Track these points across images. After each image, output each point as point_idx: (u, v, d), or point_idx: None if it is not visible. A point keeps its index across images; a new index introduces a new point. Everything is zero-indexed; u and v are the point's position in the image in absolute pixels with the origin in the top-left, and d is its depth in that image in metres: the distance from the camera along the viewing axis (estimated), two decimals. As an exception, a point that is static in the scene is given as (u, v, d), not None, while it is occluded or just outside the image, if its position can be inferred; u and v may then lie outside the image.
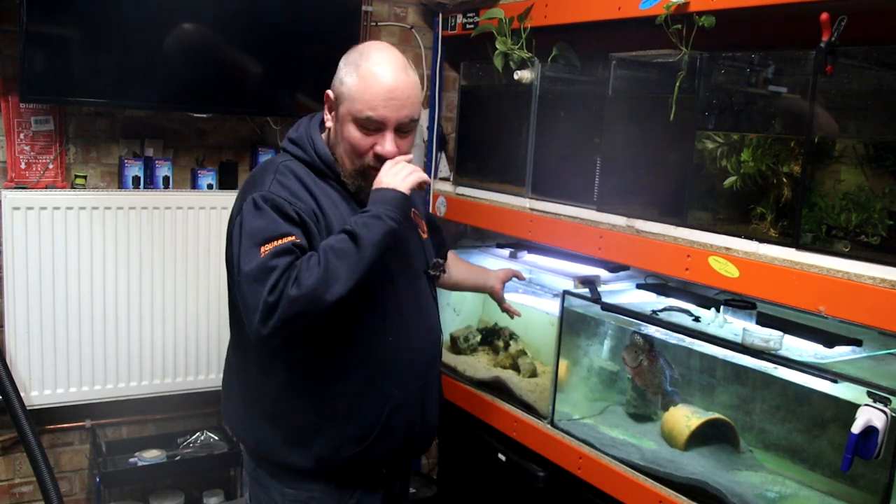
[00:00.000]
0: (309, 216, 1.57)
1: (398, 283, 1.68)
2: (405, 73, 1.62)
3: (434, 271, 1.80)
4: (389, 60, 1.62)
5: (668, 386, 2.17)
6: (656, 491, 1.95)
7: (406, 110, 1.61)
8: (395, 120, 1.60)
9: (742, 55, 1.90)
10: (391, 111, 1.59)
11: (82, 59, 2.37)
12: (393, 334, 1.66)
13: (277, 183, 1.59)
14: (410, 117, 1.62)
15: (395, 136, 1.61)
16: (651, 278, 2.33)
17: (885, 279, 1.52)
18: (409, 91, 1.61)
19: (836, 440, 1.84)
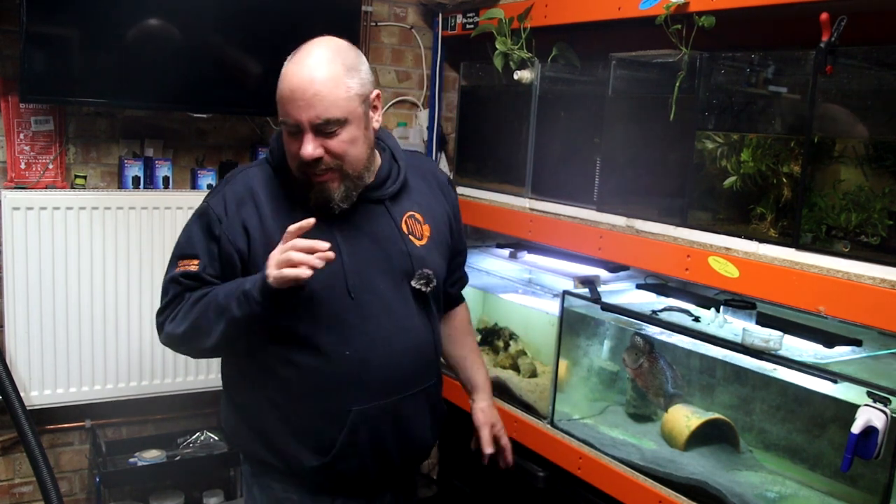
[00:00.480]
0: (235, 236, 1.55)
1: (364, 296, 1.57)
2: (316, 70, 1.46)
3: (418, 284, 1.64)
4: (305, 57, 1.48)
5: (670, 387, 2.16)
6: (656, 491, 1.95)
7: (314, 110, 1.45)
8: (305, 121, 1.46)
9: (742, 55, 1.90)
10: (299, 112, 1.46)
11: (82, 59, 2.37)
12: (352, 349, 1.57)
13: (223, 195, 1.60)
14: (321, 117, 1.45)
15: (320, 138, 1.47)
16: (651, 278, 2.33)
17: (885, 279, 1.52)
18: (318, 88, 1.44)
19: (836, 440, 1.84)
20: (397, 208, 1.65)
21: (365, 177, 1.57)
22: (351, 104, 1.48)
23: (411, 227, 1.66)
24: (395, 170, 1.67)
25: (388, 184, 1.64)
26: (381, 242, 1.61)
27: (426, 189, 1.74)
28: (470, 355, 1.93)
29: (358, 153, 1.52)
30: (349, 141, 1.50)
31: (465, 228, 2.95)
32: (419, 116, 3.12)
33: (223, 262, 1.57)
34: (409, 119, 3.12)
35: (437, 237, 1.71)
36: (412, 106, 3.14)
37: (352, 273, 1.57)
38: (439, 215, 1.74)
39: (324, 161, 1.49)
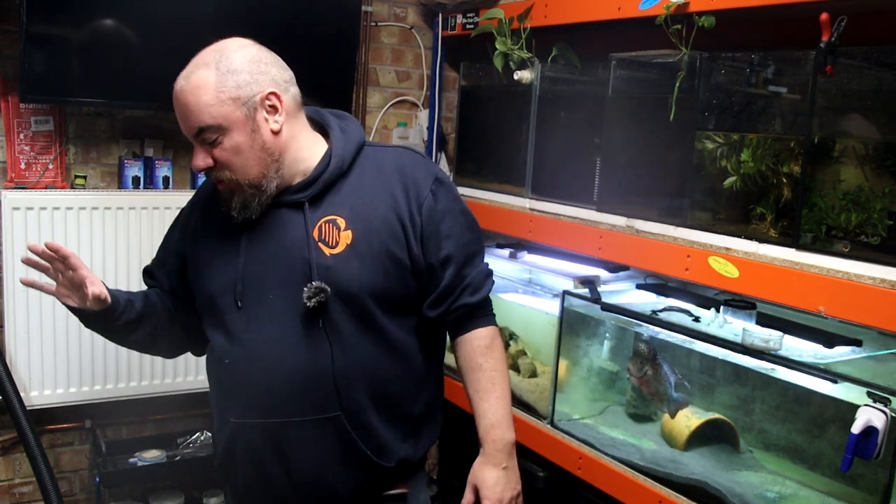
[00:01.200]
0: (184, 236, 1.64)
1: (253, 306, 1.50)
2: (188, 78, 1.42)
3: (305, 297, 1.44)
4: (187, 67, 1.45)
5: (674, 393, 2.14)
6: (656, 491, 1.95)
7: (188, 121, 1.42)
8: (187, 132, 1.44)
9: (742, 55, 1.90)
10: (181, 124, 1.45)
11: (82, 59, 2.37)
12: (231, 358, 1.51)
13: (194, 196, 1.69)
14: (195, 126, 1.41)
15: (205, 147, 1.43)
16: (651, 278, 2.33)
17: (885, 279, 1.52)
18: (188, 98, 1.40)
19: (836, 440, 1.84)
20: (318, 212, 1.50)
21: (266, 185, 1.46)
22: (223, 109, 1.40)
23: (325, 234, 1.49)
24: (326, 171, 1.51)
25: (312, 186, 1.51)
26: (287, 249, 1.49)
27: (377, 188, 1.53)
28: (474, 398, 1.59)
29: (244, 161, 1.43)
30: (231, 149, 1.42)
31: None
32: (419, 116, 3.12)
33: (173, 258, 1.64)
34: (409, 119, 3.12)
35: (363, 245, 1.48)
36: (412, 106, 3.14)
37: (244, 280, 1.49)
38: (379, 219, 1.50)
39: (215, 170, 1.45)
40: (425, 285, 1.55)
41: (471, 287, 1.56)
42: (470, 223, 1.59)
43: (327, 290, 1.45)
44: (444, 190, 1.56)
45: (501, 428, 1.55)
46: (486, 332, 1.59)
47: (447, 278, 1.54)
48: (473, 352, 1.58)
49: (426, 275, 1.54)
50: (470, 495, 1.57)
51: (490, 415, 1.56)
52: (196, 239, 1.60)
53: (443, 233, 1.53)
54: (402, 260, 1.50)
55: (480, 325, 1.59)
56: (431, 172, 1.57)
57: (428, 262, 1.53)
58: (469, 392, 1.59)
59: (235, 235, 1.52)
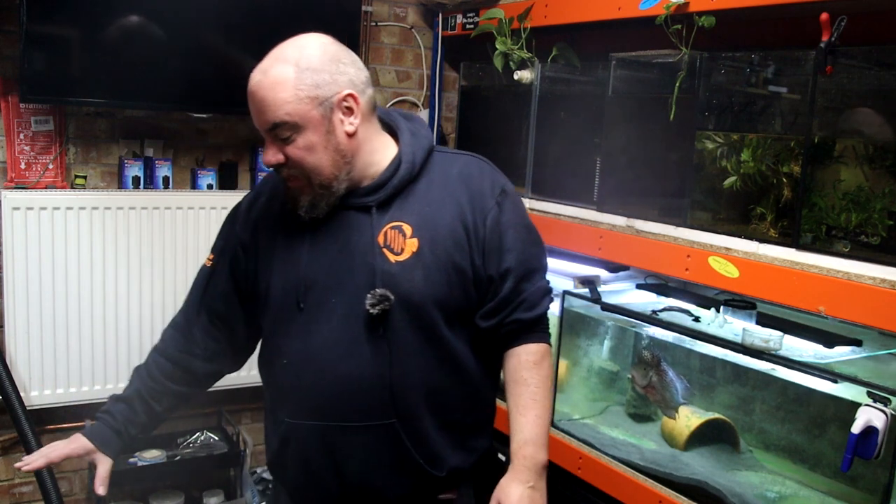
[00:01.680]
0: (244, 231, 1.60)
1: (314, 309, 1.48)
2: (267, 72, 1.41)
3: (369, 304, 1.42)
4: (265, 59, 1.44)
5: (681, 399, 2.12)
6: (656, 491, 1.95)
7: (264, 115, 1.40)
8: (259, 126, 1.43)
9: (742, 55, 1.90)
10: (253, 117, 1.44)
11: (82, 59, 2.37)
12: (289, 359, 1.51)
13: (254, 191, 1.66)
14: (271, 122, 1.40)
15: (278, 143, 1.42)
16: (651, 278, 2.33)
17: (885, 279, 1.52)
18: (265, 93, 1.40)
19: (836, 440, 1.84)
20: (384, 217, 1.48)
21: (336, 186, 1.45)
22: (302, 108, 1.38)
23: (390, 240, 1.46)
24: (396, 175, 1.49)
25: (381, 190, 1.48)
26: (351, 254, 1.47)
27: (444, 196, 1.51)
28: (513, 411, 1.53)
29: (317, 161, 1.41)
30: (305, 148, 1.40)
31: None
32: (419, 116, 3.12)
33: (232, 255, 1.60)
34: (409, 119, 3.12)
35: (428, 254, 1.46)
36: (412, 106, 3.14)
37: (306, 282, 1.48)
38: (445, 228, 1.48)
39: (286, 167, 1.43)
40: (483, 296, 1.52)
41: (527, 303, 1.53)
42: (534, 238, 1.57)
43: (391, 299, 1.43)
44: (510, 202, 1.53)
45: (535, 446, 1.50)
46: (537, 348, 1.55)
47: (504, 291, 1.51)
48: (520, 365, 1.54)
49: (485, 286, 1.51)
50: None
51: (526, 431, 1.51)
52: (257, 233, 1.58)
53: (505, 246, 1.50)
54: (465, 270, 1.48)
55: (532, 341, 1.55)
56: (498, 184, 1.54)
57: (488, 273, 1.50)
58: (509, 405, 1.55)
59: (299, 235, 1.50)
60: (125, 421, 1.61)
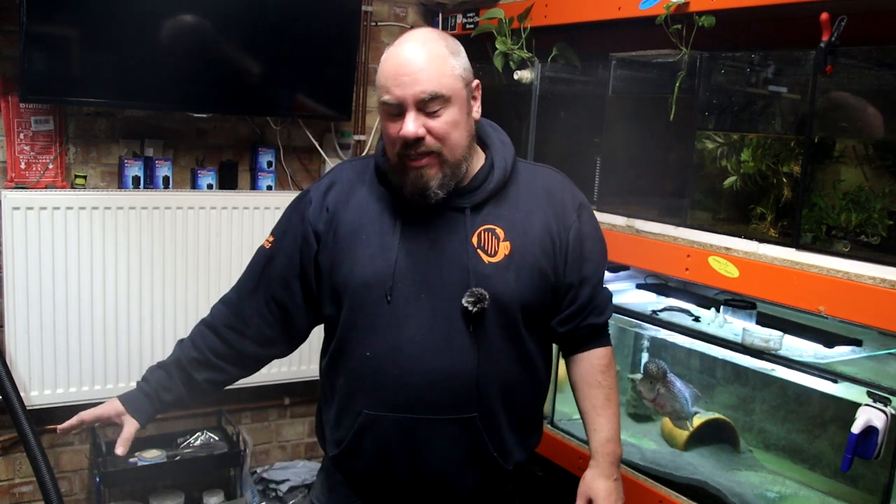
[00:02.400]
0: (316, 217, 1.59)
1: (403, 303, 1.51)
2: (422, 47, 1.44)
3: (466, 301, 1.48)
4: (408, 38, 1.48)
5: (691, 408, 2.10)
6: (656, 491, 1.95)
7: (420, 85, 1.42)
8: (410, 97, 1.43)
9: (742, 55, 1.90)
10: (403, 89, 1.43)
11: (82, 59, 2.37)
12: (373, 351, 1.53)
13: (325, 180, 1.65)
14: (429, 93, 1.42)
15: (422, 115, 1.44)
16: (651, 278, 2.33)
17: (885, 279, 1.52)
18: (424, 64, 1.43)
19: (836, 440, 1.84)
20: (477, 219, 1.53)
21: (463, 167, 1.50)
22: (456, 84, 1.46)
23: (484, 241, 1.53)
24: (490, 177, 1.55)
25: (476, 193, 1.54)
26: (443, 252, 1.51)
27: (531, 204, 1.57)
28: (590, 412, 1.64)
29: (459, 137, 1.47)
30: (452, 122, 1.46)
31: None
32: (419, 116, 3.12)
33: (301, 241, 1.59)
34: (409, 119, 3.12)
35: (518, 258, 1.53)
36: (412, 106, 3.13)
37: (396, 276, 1.50)
38: (534, 235, 1.55)
39: (425, 142, 1.45)
40: (559, 302, 1.61)
41: (598, 308, 1.63)
42: (604, 249, 1.68)
43: (487, 298, 1.48)
44: (588, 215, 1.64)
45: (615, 442, 1.63)
46: (606, 352, 1.66)
47: (582, 298, 1.60)
48: (593, 369, 1.65)
49: (563, 293, 1.60)
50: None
51: (606, 430, 1.63)
52: (336, 222, 1.57)
53: (585, 255, 1.60)
54: (549, 276, 1.56)
55: (601, 345, 1.66)
56: (577, 197, 1.64)
57: (568, 281, 1.59)
58: (584, 406, 1.66)
59: (389, 228, 1.53)
60: (158, 387, 1.63)
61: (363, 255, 1.53)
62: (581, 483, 1.63)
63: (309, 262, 1.59)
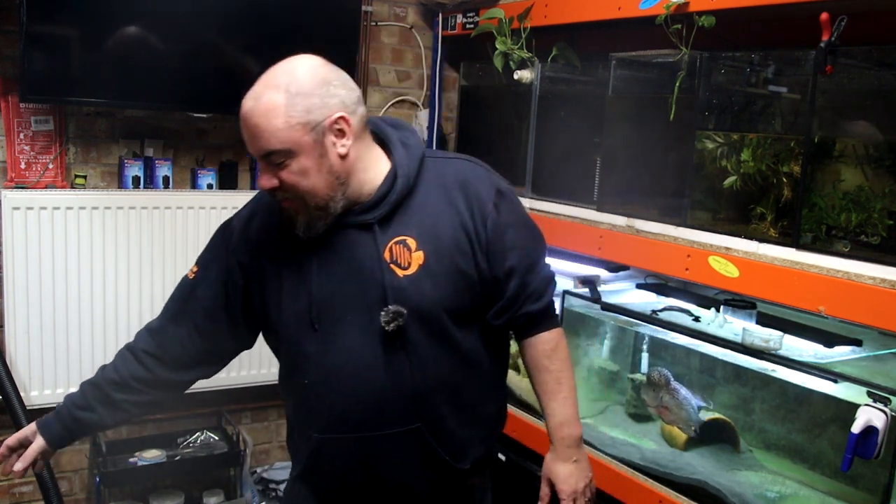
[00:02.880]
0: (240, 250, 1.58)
1: (329, 328, 1.51)
2: (256, 103, 1.41)
3: (384, 321, 1.46)
4: (255, 85, 1.44)
5: (699, 416, 2.08)
6: (656, 491, 1.95)
7: (257, 143, 1.41)
8: (255, 154, 1.45)
9: (742, 55, 1.90)
10: (248, 143, 1.45)
11: (82, 59, 2.37)
12: (310, 379, 1.54)
13: (247, 207, 1.64)
14: (263, 150, 1.41)
15: (272, 168, 1.43)
16: (651, 278, 2.33)
17: (885, 279, 1.52)
18: (257, 120, 1.40)
19: (836, 440, 1.84)
20: (387, 232, 1.50)
21: (332, 206, 1.46)
22: (293, 134, 1.39)
23: (396, 255, 1.50)
24: (393, 187, 1.51)
25: (380, 207, 1.50)
26: (358, 271, 1.49)
27: (441, 204, 1.53)
28: (542, 398, 1.64)
29: (311, 184, 1.42)
30: (299, 172, 1.41)
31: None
32: (419, 116, 3.12)
33: (226, 274, 1.59)
34: (409, 119, 3.12)
35: (434, 265, 1.50)
36: (412, 106, 3.14)
37: (318, 303, 1.50)
38: (447, 237, 1.51)
39: (280, 192, 1.44)
40: (490, 295, 1.57)
41: (534, 295, 1.58)
42: (531, 232, 1.62)
43: (404, 314, 1.47)
44: (507, 203, 1.57)
45: (570, 425, 1.62)
46: (551, 336, 1.63)
47: (511, 290, 1.56)
48: (539, 355, 1.63)
49: (491, 286, 1.56)
50: (546, 489, 1.65)
51: (558, 413, 1.62)
52: (259, 255, 1.57)
53: (507, 245, 1.54)
54: (470, 275, 1.52)
55: (545, 329, 1.62)
56: (493, 185, 1.57)
57: (494, 275, 1.54)
58: (537, 392, 1.65)
59: (305, 256, 1.51)
60: (71, 405, 1.62)
61: (287, 288, 1.53)
62: (543, 467, 1.65)
63: (237, 293, 1.58)
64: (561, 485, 1.61)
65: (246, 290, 1.58)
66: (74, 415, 1.61)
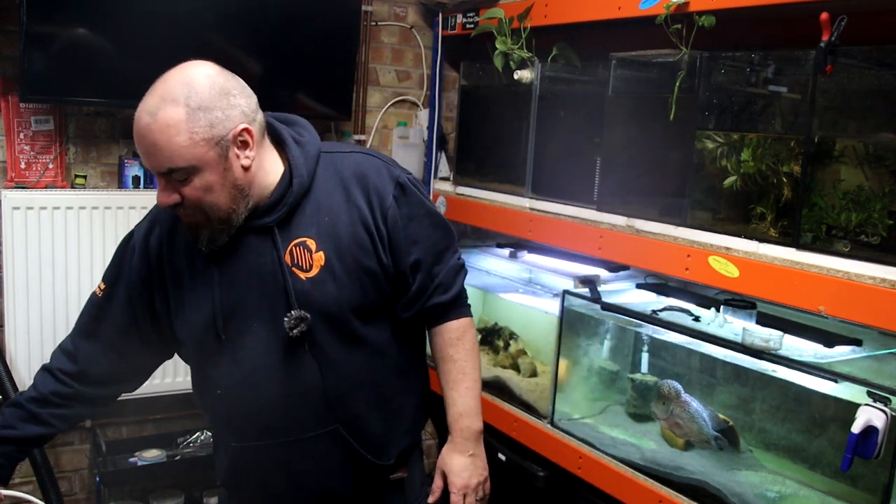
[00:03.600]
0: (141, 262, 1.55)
1: (236, 337, 1.48)
2: (153, 118, 1.33)
3: (287, 327, 1.43)
4: (148, 97, 1.36)
5: (711, 430, 2.04)
6: (656, 491, 1.95)
7: (154, 159, 1.35)
8: (153, 169, 1.38)
9: (742, 55, 1.90)
10: (145, 160, 1.38)
11: (82, 59, 2.37)
12: (222, 388, 1.52)
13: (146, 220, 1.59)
14: (164, 167, 1.35)
15: (172, 184, 1.38)
16: (651, 278, 2.33)
17: (885, 279, 1.52)
18: (157, 137, 1.32)
19: (836, 440, 1.84)
20: (286, 235, 1.47)
21: (235, 219, 1.43)
22: (196, 151, 1.33)
23: (297, 258, 1.46)
24: (290, 189, 1.47)
25: (277, 209, 1.46)
26: (261, 277, 1.46)
27: (339, 202, 1.50)
28: (444, 388, 1.63)
29: (215, 199, 1.39)
30: (202, 188, 1.37)
31: (465, 228, 2.97)
32: (419, 116, 3.12)
33: (131, 289, 1.56)
34: (409, 119, 3.12)
35: (336, 265, 1.47)
36: (412, 105, 3.14)
37: (222, 313, 1.48)
38: (347, 235, 1.48)
39: (182, 207, 1.40)
40: (397, 289, 1.55)
41: (442, 286, 1.57)
42: (436, 222, 1.58)
43: (308, 318, 1.44)
44: (407, 194, 1.53)
45: (470, 417, 1.59)
46: (458, 325, 1.61)
47: (417, 282, 1.54)
48: (445, 344, 1.61)
49: (397, 280, 1.54)
50: (439, 480, 1.62)
51: (459, 404, 1.60)
52: (161, 267, 1.54)
53: (410, 238, 1.52)
54: (374, 271, 1.50)
55: (452, 318, 1.61)
56: (392, 177, 1.53)
57: (399, 269, 1.53)
58: (441, 382, 1.63)
59: (206, 265, 1.49)
60: None
61: (190, 299, 1.51)
62: (438, 458, 1.63)
63: (143, 309, 1.57)
64: (453, 477, 1.59)
65: (151, 304, 1.56)
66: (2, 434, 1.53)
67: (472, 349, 1.62)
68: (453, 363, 1.60)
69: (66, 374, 1.59)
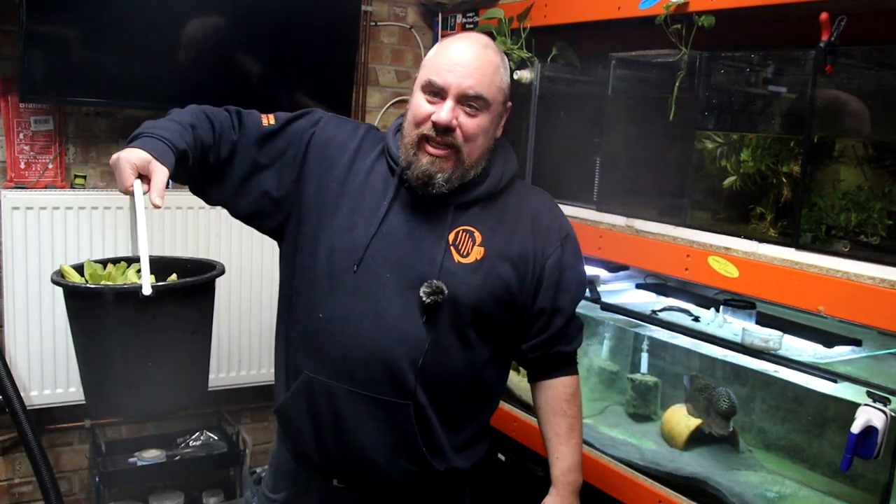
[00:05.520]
0: (315, 143, 1.60)
1: (368, 278, 1.52)
2: (482, 50, 1.51)
3: (424, 292, 1.49)
4: (469, 36, 1.56)
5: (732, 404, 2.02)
6: (656, 491, 1.95)
7: (470, 80, 1.47)
8: (455, 87, 1.47)
9: (742, 55, 1.90)
10: (453, 77, 1.47)
11: (82, 59, 2.37)
12: (325, 313, 1.54)
13: (344, 120, 1.69)
14: (475, 90, 1.48)
15: (459, 108, 1.48)
16: (651, 278, 2.33)
17: (885, 279, 1.52)
18: (479, 63, 1.49)
19: (836, 440, 1.84)
20: (460, 218, 1.56)
21: (472, 172, 1.54)
22: (498, 95, 1.53)
23: (459, 241, 1.55)
24: (483, 182, 1.58)
25: (466, 192, 1.56)
26: (420, 241, 1.53)
27: (515, 223, 1.60)
28: (553, 440, 1.67)
29: (481, 143, 1.53)
30: (482, 127, 1.51)
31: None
32: (419, 116, 3.12)
33: (287, 146, 1.60)
34: (408, 119, 3.12)
35: (488, 265, 1.54)
36: (412, 106, 3.14)
37: (371, 251, 1.52)
38: (511, 250, 1.57)
39: (453, 134, 1.49)
40: (524, 325, 1.63)
41: (568, 337, 1.67)
42: (582, 281, 1.70)
43: (445, 293, 1.50)
44: (572, 247, 1.66)
45: (576, 472, 1.67)
46: (572, 381, 1.70)
47: (554, 327, 1.63)
48: (559, 397, 1.68)
49: (533, 318, 1.62)
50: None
51: (569, 458, 1.67)
52: (334, 175, 1.58)
53: (563, 285, 1.62)
54: (514, 294, 1.58)
55: (568, 374, 1.69)
56: (564, 227, 1.67)
57: (539, 307, 1.61)
58: (548, 434, 1.69)
59: (378, 204, 1.55)
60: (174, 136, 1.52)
61: (345, 219, 1.55)
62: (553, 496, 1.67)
63: (286, 185, 1.59)
64: None
65: (298, 186, 1.59)
66: (178, 145, 1.50)
67: (580, 407, 1.71)
68: (565, 417, 1.67)
69: (211, 126, 1.62)
